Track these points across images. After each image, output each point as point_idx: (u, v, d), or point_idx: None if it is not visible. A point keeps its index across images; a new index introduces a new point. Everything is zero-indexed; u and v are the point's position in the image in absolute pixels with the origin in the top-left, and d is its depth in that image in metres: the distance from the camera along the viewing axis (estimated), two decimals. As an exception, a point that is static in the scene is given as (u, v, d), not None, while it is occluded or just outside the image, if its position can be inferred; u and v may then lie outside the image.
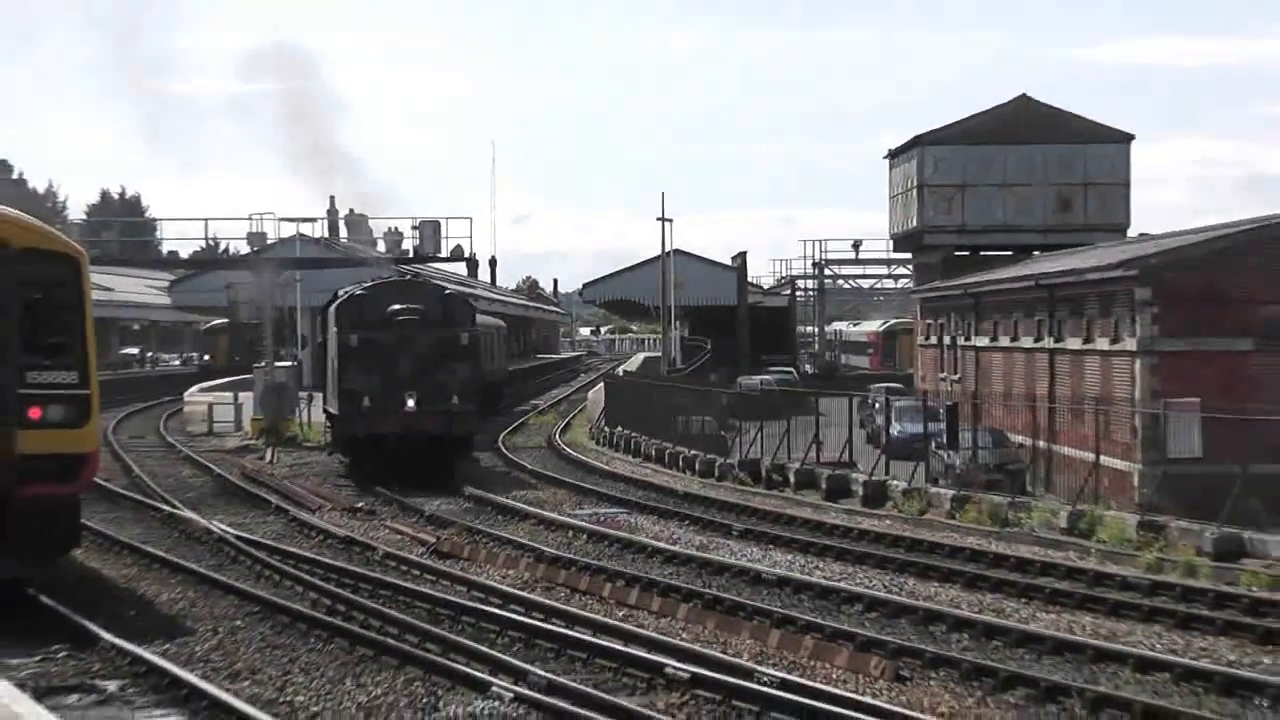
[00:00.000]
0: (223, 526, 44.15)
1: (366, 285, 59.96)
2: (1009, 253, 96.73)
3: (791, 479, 60.01)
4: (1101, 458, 62.06)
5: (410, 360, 54.02)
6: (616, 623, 30.42)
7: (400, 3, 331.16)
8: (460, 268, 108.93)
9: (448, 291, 60.40)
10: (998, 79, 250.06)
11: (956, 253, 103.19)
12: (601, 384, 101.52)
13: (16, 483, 30.08)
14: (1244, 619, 31.49)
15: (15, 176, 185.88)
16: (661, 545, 41.92)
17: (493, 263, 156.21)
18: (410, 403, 53.75)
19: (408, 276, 71.00)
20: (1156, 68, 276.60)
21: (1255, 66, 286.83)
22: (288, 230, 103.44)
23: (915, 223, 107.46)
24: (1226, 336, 57.54)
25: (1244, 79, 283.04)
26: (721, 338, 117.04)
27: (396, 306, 55.28)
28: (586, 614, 31.14)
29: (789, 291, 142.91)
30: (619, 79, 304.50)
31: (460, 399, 55.20)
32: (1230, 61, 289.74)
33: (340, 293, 64.85)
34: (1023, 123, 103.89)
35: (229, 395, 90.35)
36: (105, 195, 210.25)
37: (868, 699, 23.65)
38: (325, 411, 65.89)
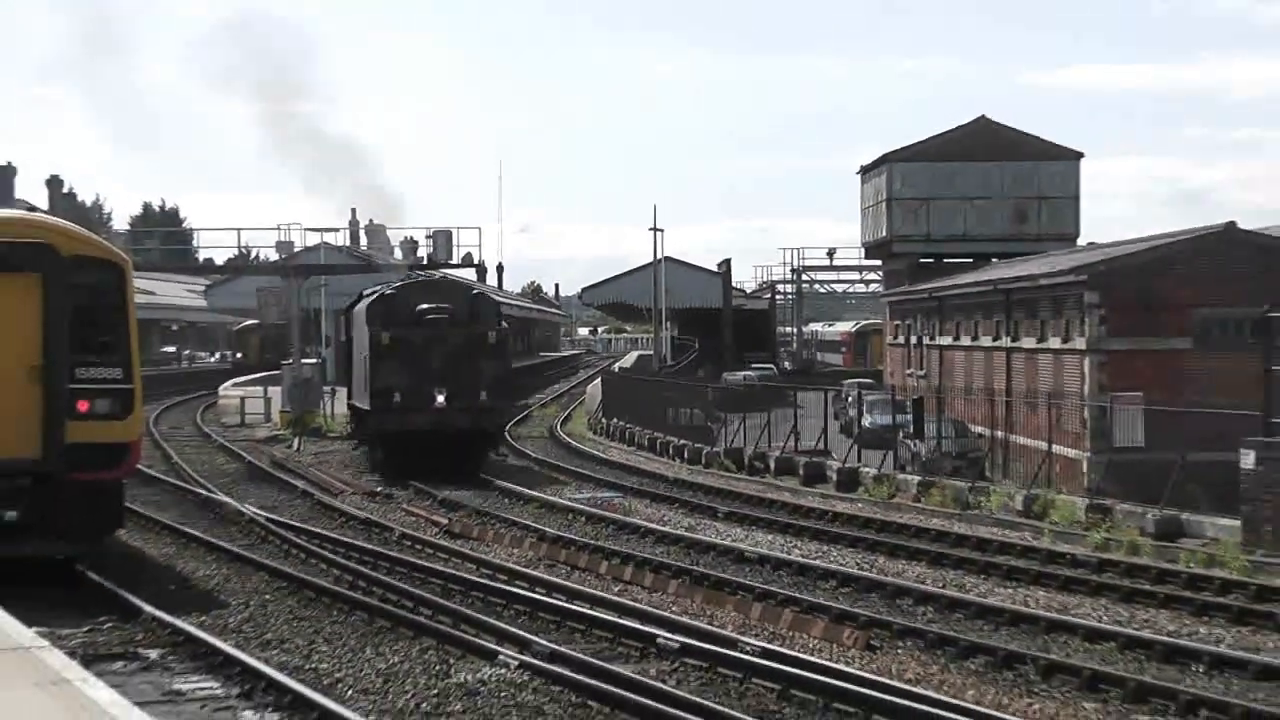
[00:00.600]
0: (254, 509, 44.16)
1: (395, 285, 58.76)
2: (970, 260, 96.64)
3: (772, 466, 60.07)
4: (1054, 447, 62.21)
5: (440, 357, 52.57)
6: (612, 597, 30.42)
7: (419, 39, 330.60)
8: (470, 274, 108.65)
9: (475, 291, 58.87)
10: (959, 102, 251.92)
11: (922, 260, 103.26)
12: (599, 380, 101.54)
13: (65, 469, 30.26)
14: (1183, 593, 31.58)
15: (66, 190, 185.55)
16: (653, 526, 41.93)
17: (500, 269, 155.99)
18: (440, 398, 52.33)
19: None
20: (1103, 92, 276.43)
21: (1186, 92, 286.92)
22: (313, 239, 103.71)
23: (885, 233, 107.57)
24: (1166, 337, 57.68)
25: (1177, 103, 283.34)
26: (708, 337, 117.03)
27: (426, 305, 54.00)
28: (585, 589, 31.17)
29: (769, 295, 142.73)
30: (613, 103, 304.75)
31: (488, 395, 53.82)
32: (1165, 87, 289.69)
33: (366, 292, 64.03)
34: (982, 142, 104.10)
35: (259, 390, 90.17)
36: (147, 207, 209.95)
37: (842, 666, 23.71)
38: (349, 405, 64.76)
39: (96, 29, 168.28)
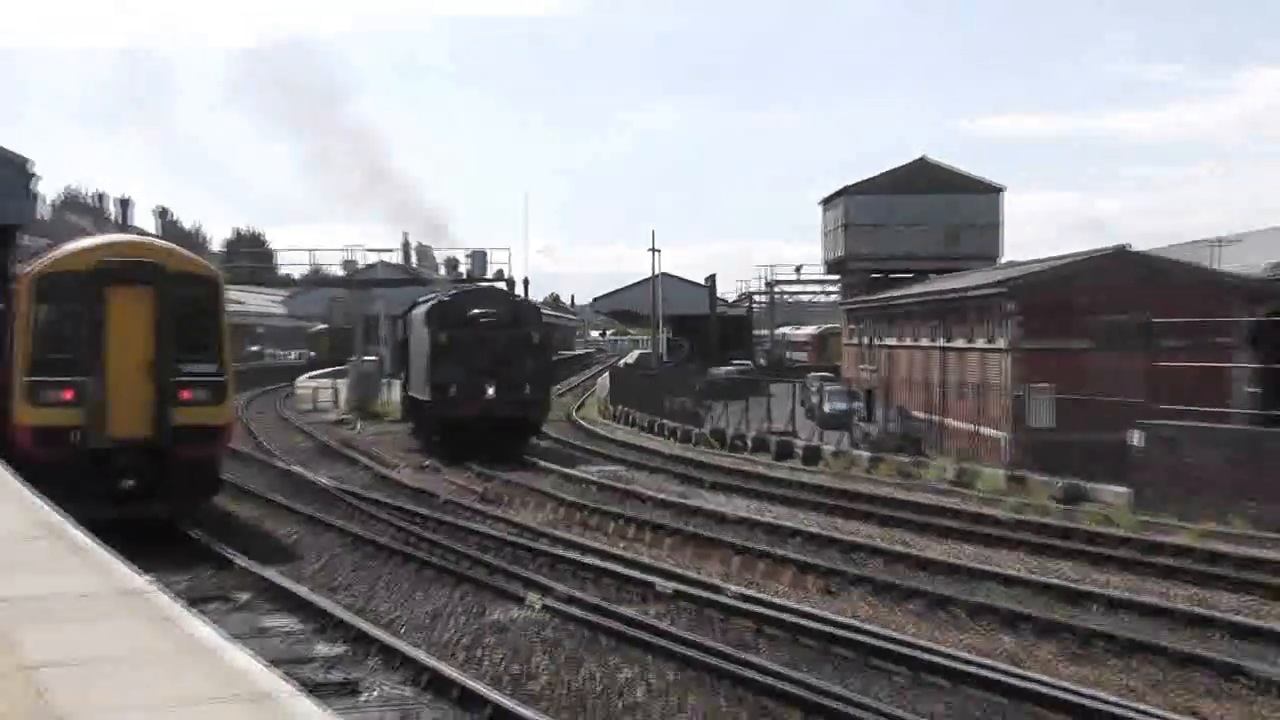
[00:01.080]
0: (325, 479, 44.28)
1: (451, 293, 58.35)
2: (911, 275, 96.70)
3: (749, 444, 60.01)
4: (980, 428, 62.44)
5: (489, 355, 51.68)
6: (618, 551, 30.44)
7: (452, 93, 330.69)
8: (502, 287, 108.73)
9: (519, 298, 57.64)
10: (902, 145, 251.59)
11: (873, 275, 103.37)
12: (607, 374, 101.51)
13: (172, 446, 30.38)
14: (1083, 547, 31.61)
15: (171, 219, 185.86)
16: (651, 494, 41.84)
17: (525, 282, 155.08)
18: (490, 391, 51.59)
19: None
20: (1021, 138, 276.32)
21: (1088, 137, 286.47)
22: (373, 258, 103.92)
23: (842, 253, 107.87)
24: (1071, 338, 57.62)
25: (1081, 147, 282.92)
26: (696, 339, 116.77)
27: (477, 310, 53.22)
28: (596, 545, 31.13)
29: (747, 304, 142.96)
30: (618, 147, 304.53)
31: (531, 388, 53.07)
32: (1070, 133, 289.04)
33: (420, 300, 63.04)
34: (921, 179, 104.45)
35: (329, 382, 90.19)
36: (237, 232, 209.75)
37: (806, 608, 23.76)
38: (405, 395, 63.47)
39: (149, 81, 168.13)
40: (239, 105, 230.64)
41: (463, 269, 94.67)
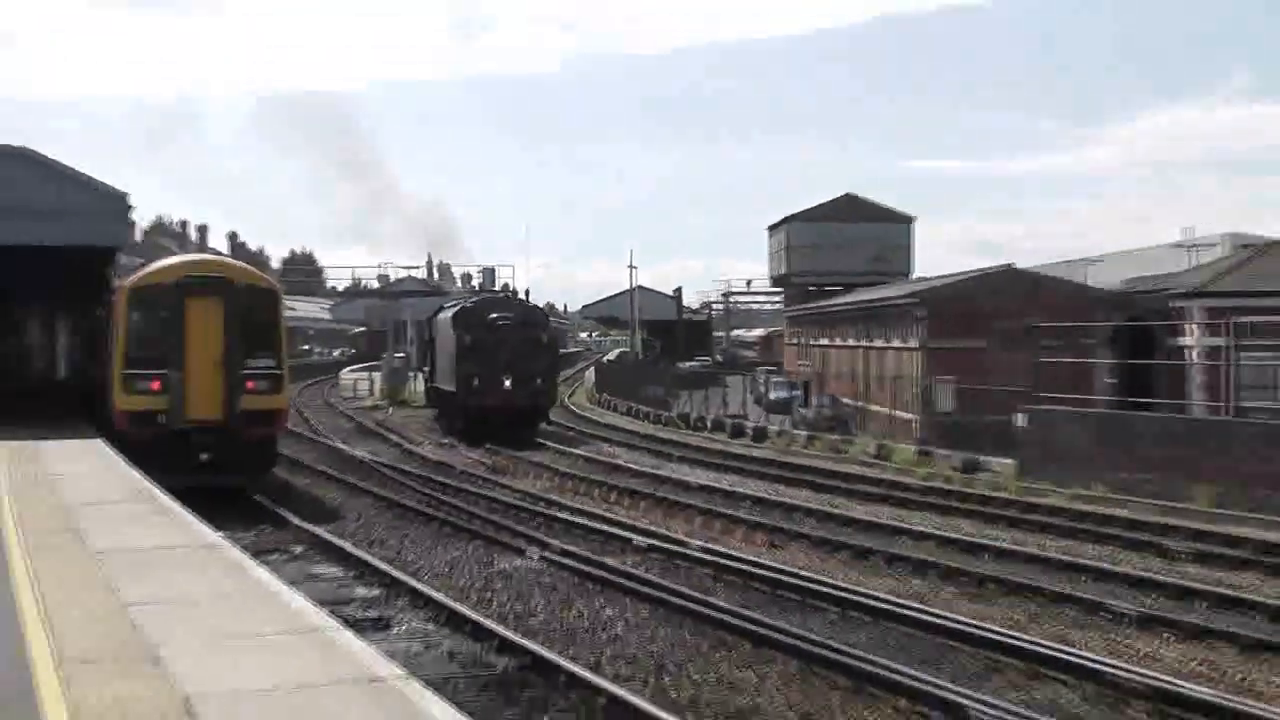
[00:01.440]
0: (362, 453, 44.26)
1: (473, 300, 57.89)
2: (841, 288, 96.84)
3: (709, 425, 60.14)
4: (895, 412, 62.54)
5: (507, 353, 50.61)
6: (603, 512, 30.41)
7: (464, 131, 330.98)
8: (517, 294, 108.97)
9: (531, 304, 56.95)
10: (834, 181, 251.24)
11: (809, 288, 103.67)
12: (593, 368, 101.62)
13: (239, 427, 30.45)
14: (978, 508, 31.67)
15: (239, 241, 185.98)
16: (630, 465, 41.87)
17: (527, 293, 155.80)
18: (506, 383, 50.58)
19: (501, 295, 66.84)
20: (931, 177, 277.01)
21: (988, 177, 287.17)
22: (402, 273, 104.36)
23: (785, 270, 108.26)
24: (969, 339, 57.74)
25: (981, 184, 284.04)
26: (666, 339, 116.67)
27: (496, 314, 52.09)
28: (584, 508, 31.14)
29: (708, 311, 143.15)
30: (600, 181, 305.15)
31: (541, 380, 52.23)
32: (973, 173, 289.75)
33: (446, 306, 62.78)
34: (848, 209, 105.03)
35: (366, 374, 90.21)
36: (293, 252, 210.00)
37: (755, 558, 23.81)
38: (431, 386, 62.70)
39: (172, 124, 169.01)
40: (300, 156, 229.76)
41: (475, 282, 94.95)
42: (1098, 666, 15.39)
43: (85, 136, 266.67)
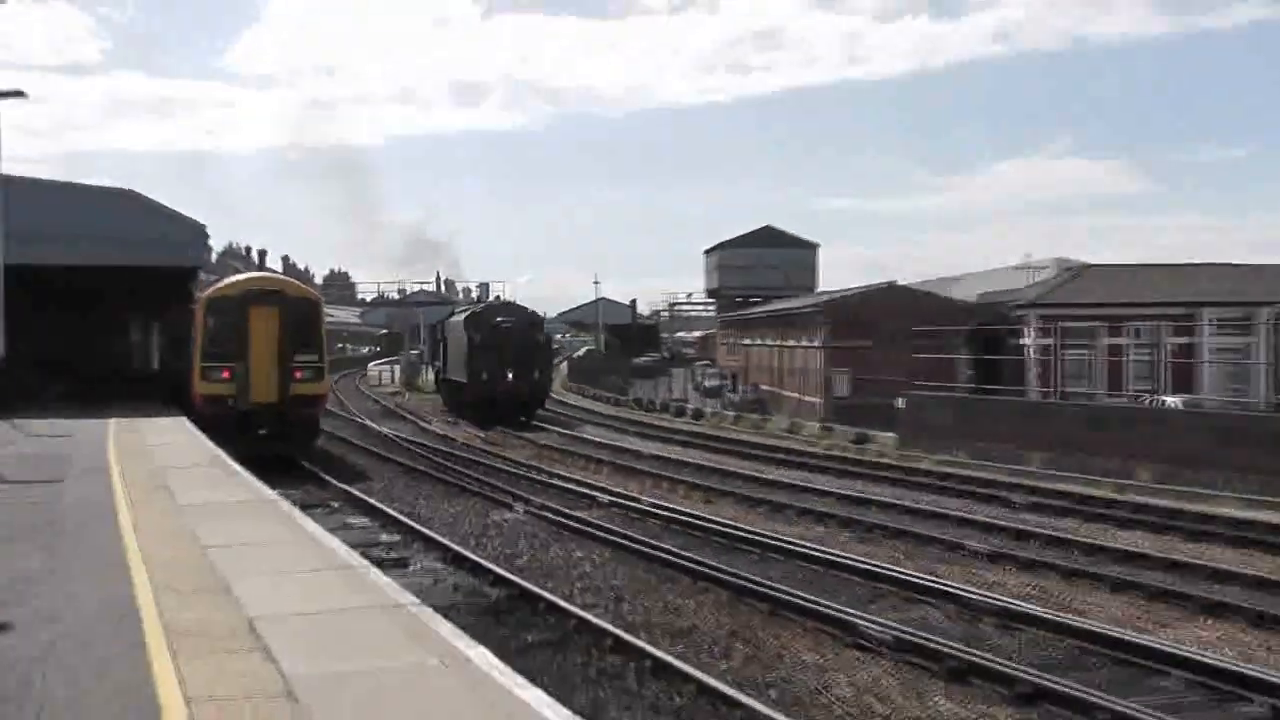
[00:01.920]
0: (385, 429, 44.17)
1: (481, 306, 56.95)
2: (761, 299, 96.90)
3: (658, 407, 60.28)
4: (804, 397, 62.67)
5: (509, 350, 48.79)
6: (574, 475, 30.44)
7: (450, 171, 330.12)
8: (516, 301, 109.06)
9: (529, 310, 54.16)
10: (757, 214, 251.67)
11: (737, 299, 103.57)
12: (566, 362, 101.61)
13: (290, 408, 30.48)
14: (868, 471, 31.77)
15: (291, 262, 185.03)
16: (594, 439, 41.97)
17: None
18: (510, 375, 48.71)
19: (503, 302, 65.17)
20: (828, 213, 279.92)
21: (882, 212, 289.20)
22: (415, 287, 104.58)
23: (718, 285, 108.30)
24: (861, 339, 57.90)
25: (866, 219, 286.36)
26: (624, 340, 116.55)
27: (500, 318, 50.48)
28: (559, 472, 31.12)
29: (657, 317, 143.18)
30: (574, 213, 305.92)
31: (539, 374, 50.39)
32: (865, 210, 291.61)
33: (457, 311, 61.59)
34: (768, 237, 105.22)
35: (388, 367, 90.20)
36: (332, 270, 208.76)
37: (694, 512, 23.87)
38: (443, 378, 60.05)
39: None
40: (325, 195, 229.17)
41: (474, 295, 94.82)
42: (957, 592, 15.51)
43: (142, 181, 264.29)
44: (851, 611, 14.34)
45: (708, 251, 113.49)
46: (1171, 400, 40.73)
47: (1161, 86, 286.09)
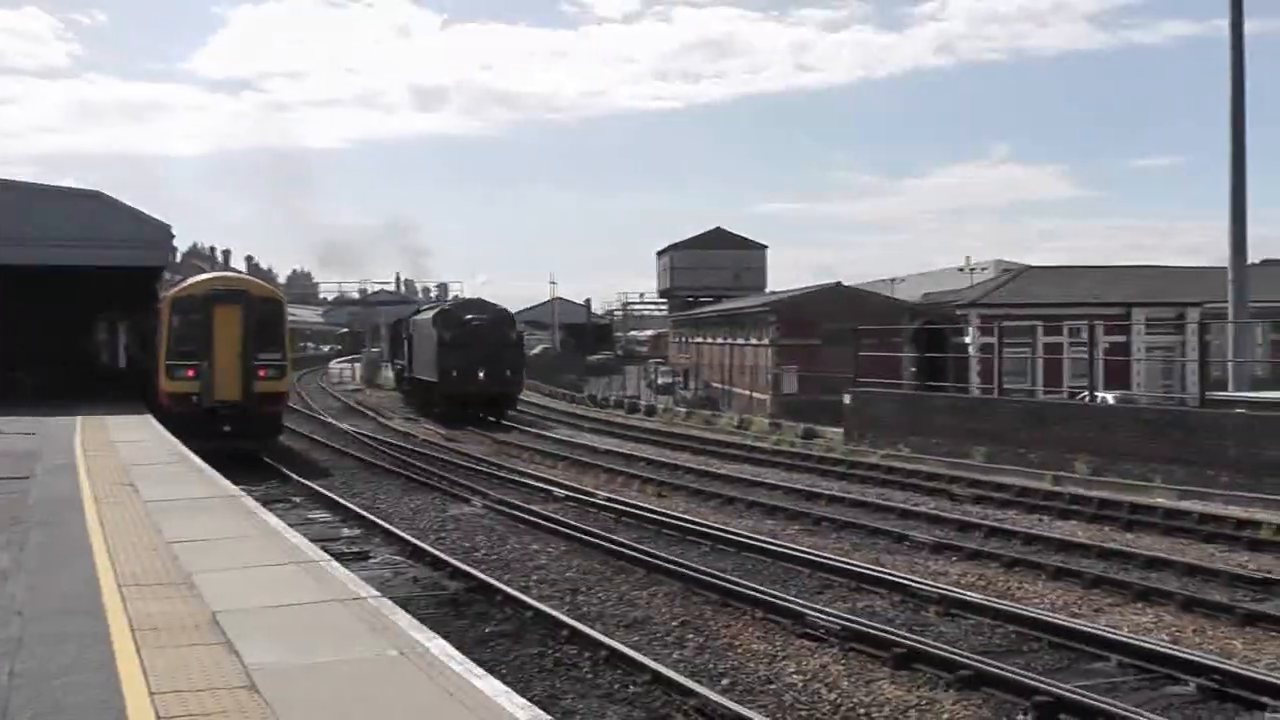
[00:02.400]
0: (347, 426, 43.92)
1: (449, 303, 54.81)
2: (712, 299, 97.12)
3: (611, 403, 60.22)
4: (753, 393, 62.89)
5: (481, 348, 46.52)
6: (531, 470, 30.41)
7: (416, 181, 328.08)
8: (487, 298, 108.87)
9: (500, 307, 51.67)
10: (705, 217, 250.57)
11: (688, 299, 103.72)
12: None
13: (254, 405, 30.34)
14: (815, 465, 31.74)
15: (255, 262, 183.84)
16: (551, 435, 41.92)
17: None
18: (481, 374, 46.45)
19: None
20: (779, 216, 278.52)
21: (818, 216, 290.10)
22: (376, 286, 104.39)
23: (669, 285, 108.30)
24: (808, 338, 58.20)
25: (816, 222, 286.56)
26: (579, 339, 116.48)
27: (470, 315, 48.41)
28: (516, 467, 31.07)
29: (611, 316, 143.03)
30: (527, 216, 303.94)
31: (510, 372, 48.07)
32: (809, 213, 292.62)
33: (423, 308, 60.02)
34: (718, 239, 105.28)
35: (349, 365, 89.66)
36: (295, 271, 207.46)
37: (648, 505, 23.89)
38: (409, 376, 57.23)
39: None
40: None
41: (434, 294, 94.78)
42: (903, 581, 15.59)
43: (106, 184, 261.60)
44: (800, 602, 14.39)
45: (660, 253, 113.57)
46: (1107, 396, 41.10)
47: (1096, 97, 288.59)
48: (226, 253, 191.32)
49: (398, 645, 7.90)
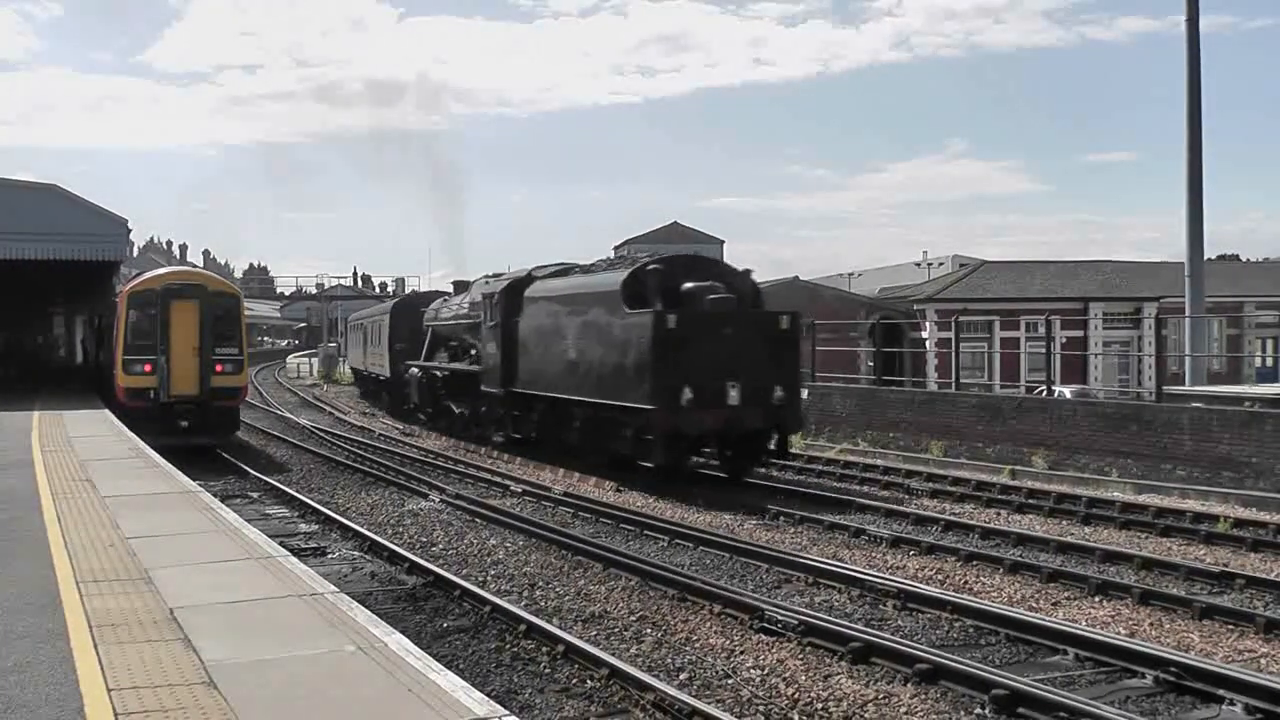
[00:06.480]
0: (304, 420, 43.72)
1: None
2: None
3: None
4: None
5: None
6: (488, 465, 30.28)
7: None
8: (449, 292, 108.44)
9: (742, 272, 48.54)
10: (663, 212, 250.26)
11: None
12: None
13: (210, 400, 30.31)
14: (774, 460, 31.78)
15: (212, 257, 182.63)
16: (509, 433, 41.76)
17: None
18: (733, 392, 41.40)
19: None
20: (734, 210, 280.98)
21: (772, 211, 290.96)
22: (333, 281, 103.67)
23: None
24: (767, 333, 58.26)
25: (771, 217, 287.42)
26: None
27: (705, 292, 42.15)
28: (473, 462, 31.01)
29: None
30: (489, 212, 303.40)
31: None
32: (764, 209, 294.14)
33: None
34: (675, 233, 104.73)
35: (306, 360, 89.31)
36: (252, 265, 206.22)
37: (605, 500, 23.93)
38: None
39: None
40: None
41: (390, 290, 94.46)
42: (860, 576, 15.67)
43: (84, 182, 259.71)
44: (758, 596, 14.45)
45: (617, 247, 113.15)
46: (1064, 390, 41.47)
47: (1052, 93, 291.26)
48: (184, 247, 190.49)
49: (356, 640, 7.91)
